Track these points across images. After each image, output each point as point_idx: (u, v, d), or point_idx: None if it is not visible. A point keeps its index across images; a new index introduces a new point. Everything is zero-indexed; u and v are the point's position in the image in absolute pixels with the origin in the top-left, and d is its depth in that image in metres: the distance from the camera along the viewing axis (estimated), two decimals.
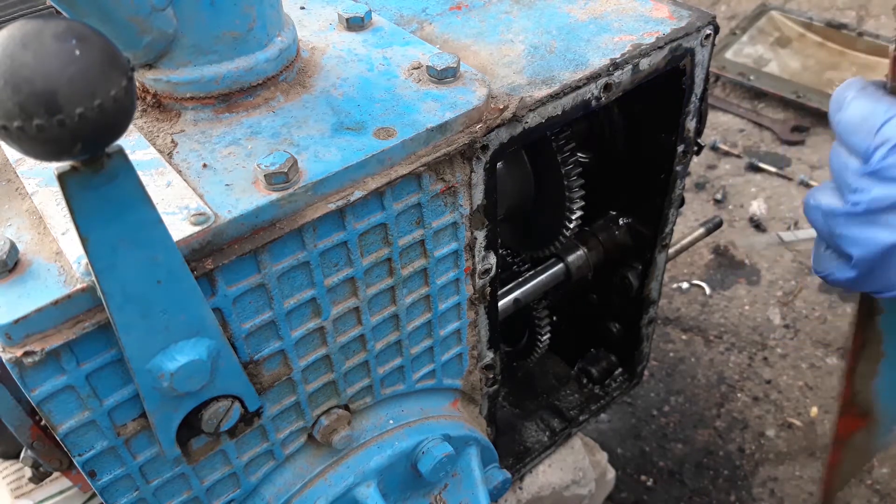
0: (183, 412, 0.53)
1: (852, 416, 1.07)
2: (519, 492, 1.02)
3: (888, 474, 1.48)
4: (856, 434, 1.10)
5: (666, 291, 1.87)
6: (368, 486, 0.67)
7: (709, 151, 2.26)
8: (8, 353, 0.46)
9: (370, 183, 0.55)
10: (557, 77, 0.65)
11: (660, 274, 0.94)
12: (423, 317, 0.67)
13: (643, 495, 1.50)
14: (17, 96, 0.32)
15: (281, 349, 0.59)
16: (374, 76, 0.63)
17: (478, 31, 0.73)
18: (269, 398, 0.61)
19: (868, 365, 1.01)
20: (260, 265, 0.53)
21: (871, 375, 1.02)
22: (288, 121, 0.59)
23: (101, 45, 0.34)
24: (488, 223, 0.66)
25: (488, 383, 0.79)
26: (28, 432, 0.67)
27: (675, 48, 0.70)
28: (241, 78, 0.59)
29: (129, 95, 0.35)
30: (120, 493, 0.57)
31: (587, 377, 1.04)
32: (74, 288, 0.46)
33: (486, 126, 0.60)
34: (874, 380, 1.01)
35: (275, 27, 0.60)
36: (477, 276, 0.69)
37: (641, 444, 1.58)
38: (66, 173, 0.37)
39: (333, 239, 0.56)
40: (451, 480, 0.75)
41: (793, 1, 2.78)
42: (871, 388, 1.02)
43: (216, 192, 0.52)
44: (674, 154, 0.79)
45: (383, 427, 0.70)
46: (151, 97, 0.59)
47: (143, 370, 0.49)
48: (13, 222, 0.52)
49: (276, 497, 0.65)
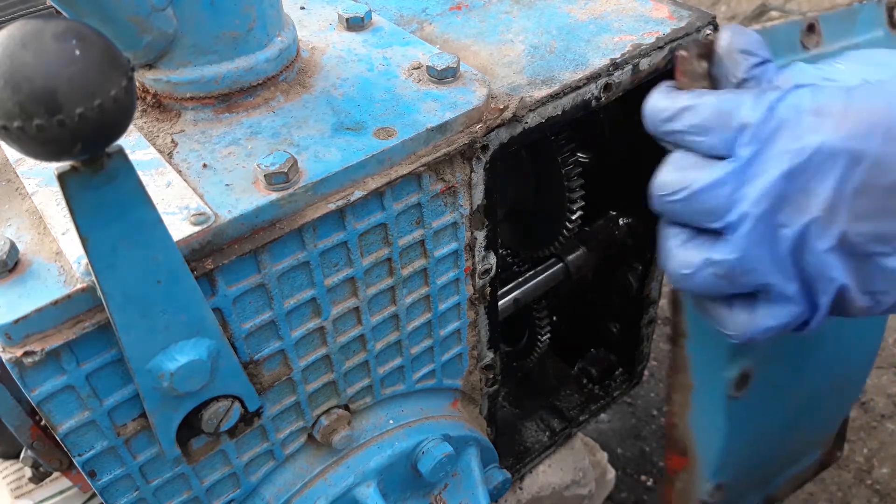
0: (183, 412, 0.53)
1: (675, 454, 0.94)
2: (519, 492, 1.02)
3: (888, 474, 1.48)
4: (680, 473, 0.95)
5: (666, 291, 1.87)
6: (368, 486, 0.67)
7: None
8: (8, 353, 0.46)
9: (370, 183, 0.55)
10: (557, 77, 0.65)
11: (660, 274, 0.94)
12: (423, 317, 0.68)
13: (643, 495, 1.50)
14: (16, 96, 0.32)
15: (281, 349, 0.59)
16: (374, 76, 0.63)
17: (478, 31, 0.73)
18: (269, 398, 0.61)
19: (681, 395, 0.89)
20: (260, 265, 0.53)
21: (685, 407, 0.89)
22: (288, 121, 0.59)
23: (101, 45, 0.34)
24: (488, 223, 0.66)
25: (488, 383, 0.79)
26: (28, 432, 0.67)
27: (675, 48, 0.70)
28: (241, 78, 0.59)
29: (129, 95, 0.35)
30: (120, 493, 0.57)
31: (587, 377, 1.04)
32: (74, 288, 0.46)
33: (486, 126, 0.60)
34: (688, 413, 0.90)
35: (275, 27, 0.60)
36: (477, 276, 0.69)
37: (641, 444, 1.58)
38: (66, 173, 0.37)
39: (333, 239, 0.56)
40: (451, 480, 0.75)
41: (793, 1, 2.78)
42: (686, 423, 0.90)
43: (216, 192, 0.52)
44: None
45: (383, 427, 0.70)
46: (151, 97, 0.59)
47: (143, 370, 0.49)
48: (13, 222, 0.52)
49: (276, 497, 0.65)
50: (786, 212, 0.57)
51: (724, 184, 0.58)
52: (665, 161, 0.63)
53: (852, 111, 0.55)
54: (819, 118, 0.56)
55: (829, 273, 0.58)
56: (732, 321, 0.65)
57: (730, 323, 0.65)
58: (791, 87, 0.58)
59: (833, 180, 0.56)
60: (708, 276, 0.61)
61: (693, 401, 0.88)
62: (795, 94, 0.57)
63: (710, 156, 0.60)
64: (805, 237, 0.58)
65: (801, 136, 0.56)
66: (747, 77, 0.61)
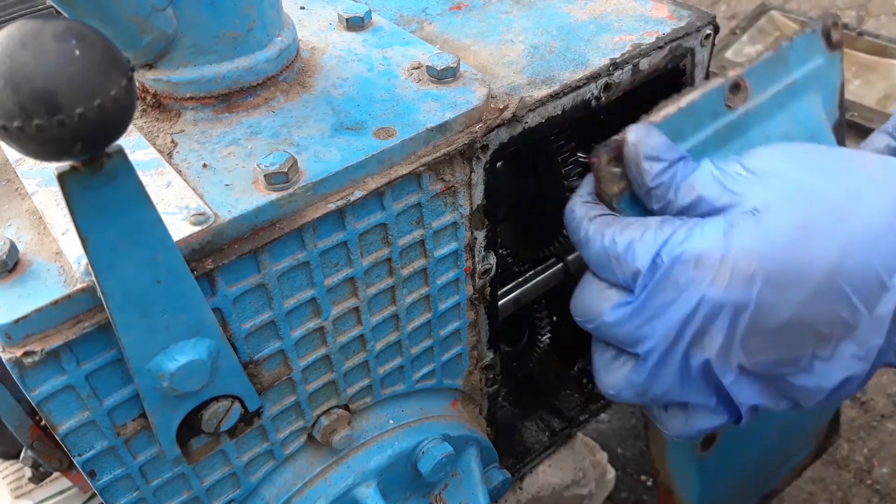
0: (183, 412, 0.53)
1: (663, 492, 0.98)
2: (519, 492, 1.02)
3: (888, 474, 1.48)
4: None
5: None
6: (368, 486, 0.67)
7: None
8: (8, 353, 0.46)
9: (370, 183, 0.55)
10: (557, 77, 0.65)
11: None
12: (423, 317, 0.68)
13: (643, 495, 1.50)
14: (16, 96, 0.32)
15: (281, 349, 0.59)
16: (374, 76, 0.63)
17: (478, 31, 0.73)
18: (269, 398, 0.61)
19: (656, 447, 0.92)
20: (260, 265, 0.53)
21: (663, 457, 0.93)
22: (288, 121, 0.59)
23: (101, 45, 0.34)
24: (488, 223, 0.66)
25: (488, 383, 0.79)
26: (28, 432, 0.67)
27: (675, 48, 0.70)
28: (241, 78, 0.59)
29: (129, 95, 0.35)
30: (120, 493, 0.57)
31: (587, 377, 1.04)
32: (74, 288, 0.46)
33: (486, 126, 0.60)
34: (666, 461, 0.93)
35: (275, 27, 0.60)
36: (477, 277, 0.69)
37: (641, 444, 1.58)
38: (66, 173, 0.37)
39: (333, 239, 0.56)
40: (451, 480, 0.75)
41: (793, 1, 2.78)
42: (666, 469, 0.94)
43: (216, 192, 0.52)
44: None
45: (383, 427, 0.70)
46: (151, 97, 0.59)
47: (143, 370, 0.49)
48: (13, 222, 0.52)
49: (276, 497, 0.65)
50: (688, 348, 0.61)
51: (628, 321, 0.62)
52: (580, 282, 0.66)
53: (730, 261, 0.57)
54: (699, 270, 0.58)
55: (739, 397, 0.62)
56: (670, 423, 0.68)
57: (668, 425, 0.69)
58: (674, 229, 0.59)
59: (721, 329, 0.59)
60: (631, 394, 0.65)
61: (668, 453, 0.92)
62: (677, 240, 0.59)
63: (613, 284, 0.63)
64: (710, 368, 0.61)
65: (684, 287, 0.58)
66: (653, 186, 0.61)
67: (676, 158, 0.61)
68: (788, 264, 0.56)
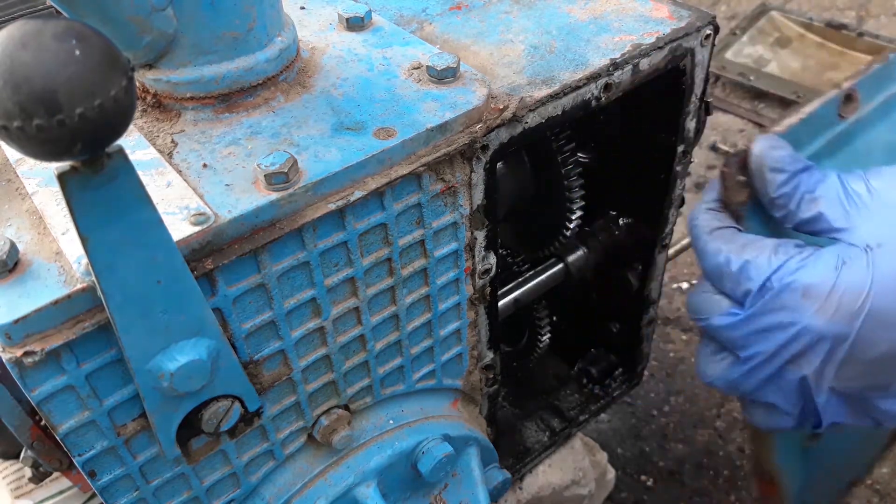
0: (183, 412, 0.53)
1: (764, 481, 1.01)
2: (519, 492, 1.02)
3: (888, 474, 1.48)
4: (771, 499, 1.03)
5: (666, 291, 1.87)
6: (368, 486, 0.67)
7: (709, 152, 2.26)
8: (8, 353, 0.46)
9: (370, 183, 0.55)
10: (557, 77, 0.65)
11: (660, 274, 0.94)
12: (423, 317, 0.68)
13: (643, 495, 1.50)
14: (16, 96, 0.32)
15: (281, 349, 0.59)
16: (374, 76, 0.63)
17: (478, 31, 0.73)
18: (269, 398, 0.61)
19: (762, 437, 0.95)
20: (260, 265, 0.53)
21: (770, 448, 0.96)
22: (288, 121, 0.59)
23: (101, 45, 0.34)
24: (488, 223, 0.66)
25: (488, 383, 0.79)
26: (28, 432, 0.67)
27: (675, 48, 0.70)
28: (241, 78, 0.59)
29: (129, 95, 0.35)
30: (120, 493, 0.57)
31: (587, 377, 1.04)
32: (74, 288, 0.46)
33: (486, 126, 0.60)
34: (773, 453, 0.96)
35: (275, 27, 0.60)
36: (477, 276, 0.69)
37: (641, 444, 1.58)
38: (66, 173, 0.37)
39: (333, 239, 0.56)
40: (451, 480, 0.75)
41: (793, 1, 2.78)
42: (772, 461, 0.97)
43: (216, 192, 0.52)
44: (674, 154, 0.79)
45: (383, 427, 0.70)
46: (151, 97, 0.59)
47: (143, 370, 0.49)
48: (13, 222, 0.52)
49: (276, 497, 0.65)
50: (785, 363, 0.67)
51: (734, 329, 0.68)
52: (699, 281, 0.73)
53: (838, 296, 0.62)
54: (806, 300, 0.63)
55: (824, 414, 0.68)
56: (755, 414, 0.76)
57: (753, 415, 0.76)
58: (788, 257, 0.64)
59: (819, 354, 0.64)
60: (724, 386, 0.74)
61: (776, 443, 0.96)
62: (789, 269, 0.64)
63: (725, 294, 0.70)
64: (805, 385, 0.67)
65: (790, 313, 0.64)
66: (776, 196, 0.66)
67: (800, 169, 0.65)
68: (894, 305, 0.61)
